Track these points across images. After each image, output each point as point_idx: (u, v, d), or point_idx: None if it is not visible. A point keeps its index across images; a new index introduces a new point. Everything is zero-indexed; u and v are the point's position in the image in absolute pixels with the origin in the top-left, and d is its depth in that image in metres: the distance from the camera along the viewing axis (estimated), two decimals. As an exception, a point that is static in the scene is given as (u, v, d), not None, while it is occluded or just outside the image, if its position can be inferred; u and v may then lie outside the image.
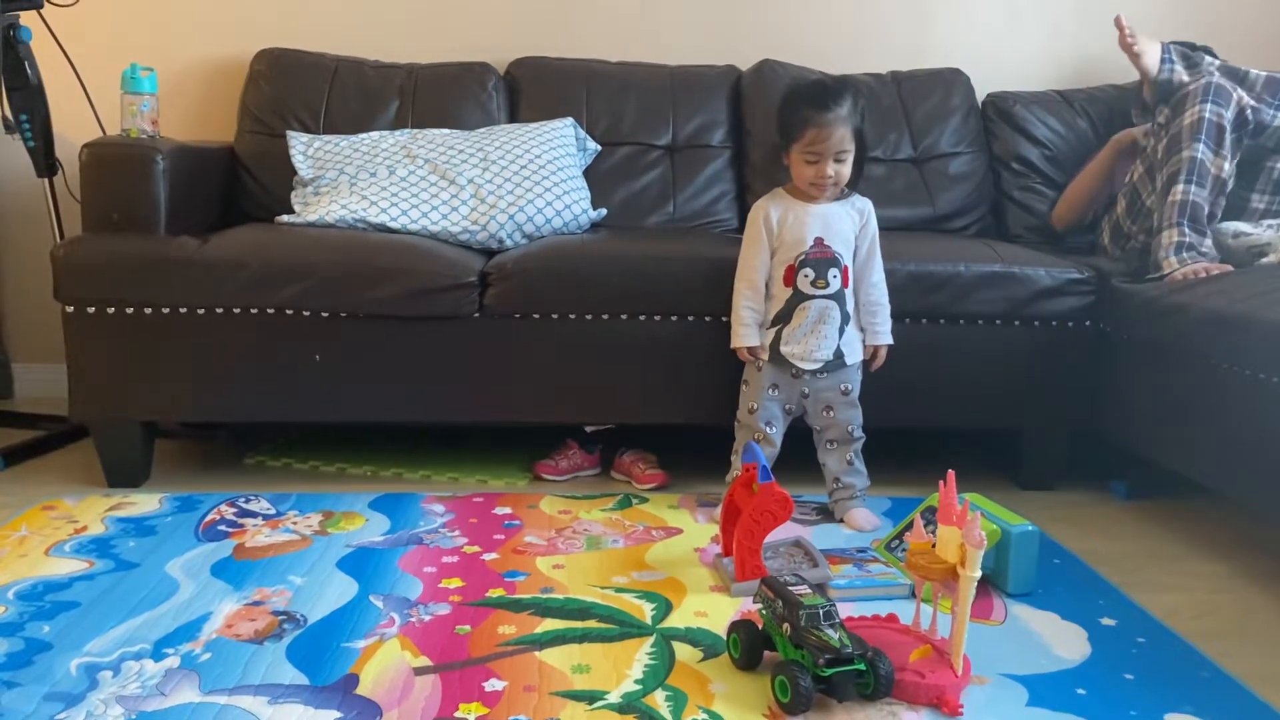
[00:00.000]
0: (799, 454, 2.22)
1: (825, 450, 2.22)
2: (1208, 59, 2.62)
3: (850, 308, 2.16)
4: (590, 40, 3.00)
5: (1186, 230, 2.27)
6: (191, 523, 2.07)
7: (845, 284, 2.14)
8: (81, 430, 2.55)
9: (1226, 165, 2.31)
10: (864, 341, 2.19)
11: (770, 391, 2.18)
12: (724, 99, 2.93)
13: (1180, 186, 2.30)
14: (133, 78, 2.41)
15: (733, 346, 2.19)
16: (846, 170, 2.12)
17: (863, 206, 2.18)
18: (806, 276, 2.11)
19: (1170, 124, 2.37)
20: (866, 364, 2.20)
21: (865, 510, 2.18)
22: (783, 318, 2.15)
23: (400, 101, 2.80)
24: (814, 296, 2.11)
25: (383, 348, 2.24)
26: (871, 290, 2.18)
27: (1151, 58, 2.60)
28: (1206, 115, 2.30)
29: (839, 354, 2.15)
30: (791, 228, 2.13)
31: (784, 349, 2.15)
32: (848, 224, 2.15)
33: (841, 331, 2.14)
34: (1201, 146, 2.29)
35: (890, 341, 2.19)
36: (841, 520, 2.18)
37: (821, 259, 2.11)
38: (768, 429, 2.19)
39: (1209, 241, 2.29)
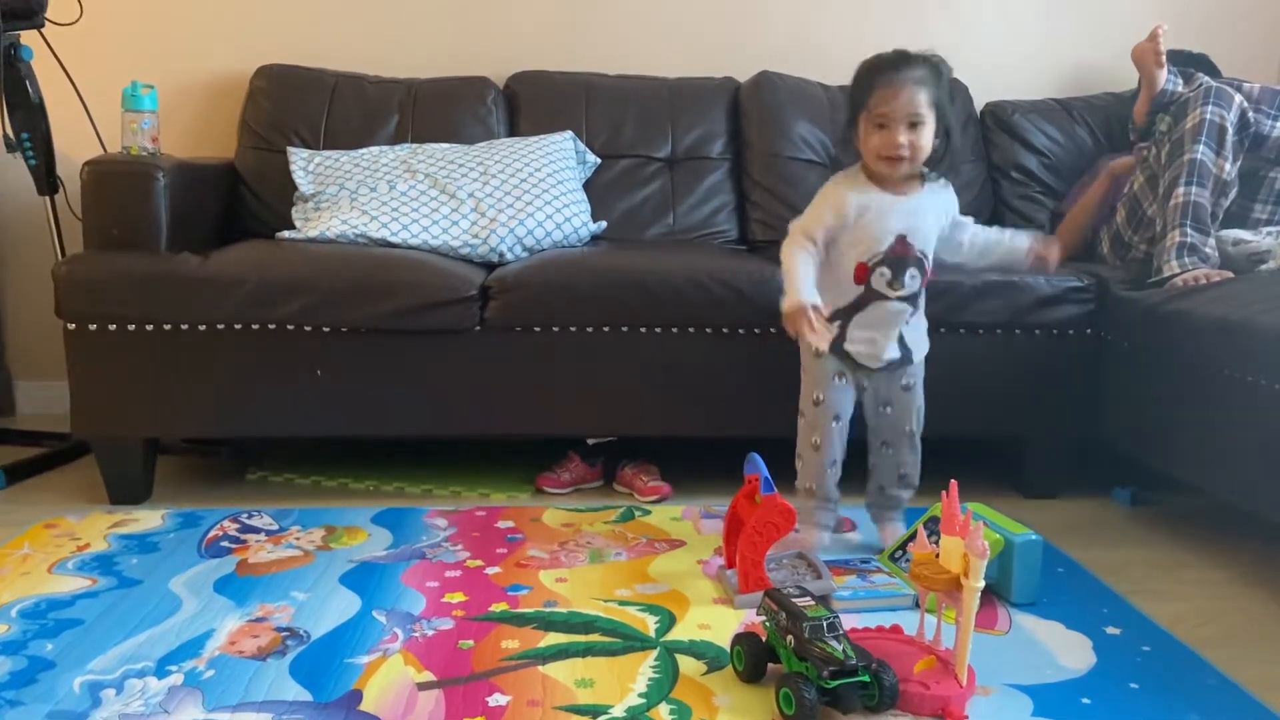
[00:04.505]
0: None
1: (877, 452, 2.05)
2: (1201, 75, 2.64)
3: (923, 303, 1.99)
4: (589, 53, 3.01)
5: (1189, 231, 2.28)
6: (194, 539, 2.07)
7: (924, 282, 1.95)
8: (83, 447, 2.54)
9: (1228, 166, 2.32)
10: (1021, 256, 2.00)
11: (837, 380, 1.97)
12: (723, 110, 2.93)
13: (1181, 189, 2.31)
14: (133, 95, 2.42)
15: (787, 308, 1.84)
16: (924, 142, 1.85)
17: (948, 195, 1.97)
18: (883, 276, 1.90)
19: (1172, 130, 2.38)
20: (1041, 265, 2.02)
21: (901, 527, 2.07)
22: (848, 312, 1.94)
23: (400, 116, 2.81)
24: (887, 298, 1.92)
25: (384, 362, 2.24)
26: (976, 236, 2.00)
27: (1162, 71, 2.65)
28: (1208, 117, 2.31)
29: (906, 350, 1.98)
30: (872, 221, 1.89)
31: (848, 347, 1.95)
32: (932, 218, 1.93)
33: (913, 327, 1.99)
34: (1202, 148, 2.30)
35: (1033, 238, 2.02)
36: (876, 525, 2.11)
37: (901, 259, 1.90)
38: (835, 423, 1.97)
39: (1212, 241, 2.29)
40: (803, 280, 1.86)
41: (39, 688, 1.49)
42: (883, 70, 1.87)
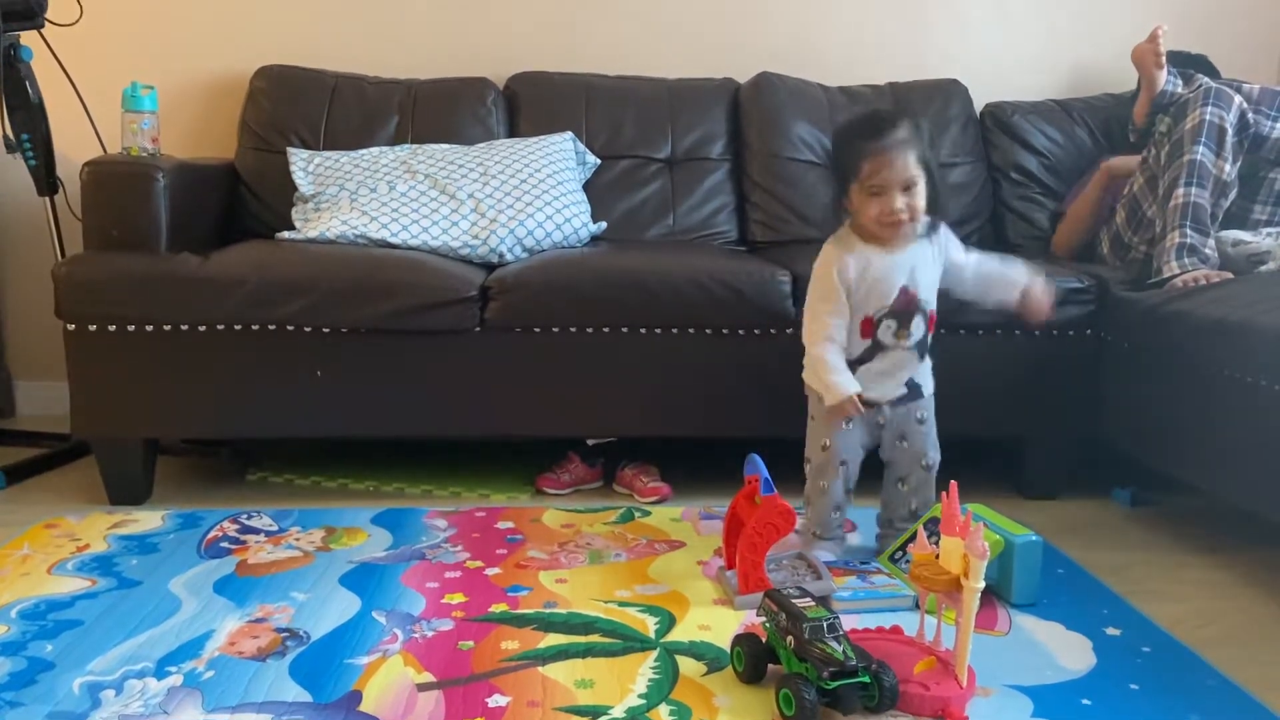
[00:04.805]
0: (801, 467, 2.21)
1: (891, 488, 2.03)
2: (1201, 76, 2.65)
3: (929, 346, 1.99)
4: (589, 54, 3.01)
5: (1189, 231, 2.28)
6: (194, 540, 2.07)
7: (930, 329, 1.96)
8: (83, 448, 2.54)
9: (1227, 167, 2.32)
10: (1010, 300, 1.99)
11: (845, 425, 1.96)
12: (723, 111, 2.93)
13: (1181, 190, 2.31)
14: (133, 96, 2.42)
15: (832, 403, 1.89)
16: (920, 202, 1.86)
17: (941, 237, 1.97)
18: (889, 328, 1.92)
19: (1172, 131, 2.38)
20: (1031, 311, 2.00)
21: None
22: (858, 362, 1.95)
23: (400, 117, 2.81)
24: (895, 348, 1.94)
25: (384, 363, 2.24)
26: (981, 268, 2.00)
27: (1162, 73, 2.67)
28: (1207, 118, 2.31)
29: (914, 385, 1.98)
30: (873, 280, 1.90)
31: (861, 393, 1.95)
32: (932, 264, 1.95)
33: (920, 369, 2.00)
34: (1202, 149, 2.30)
35: (1034, 275, 1.99)
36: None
37: (906, 310, 1.92)
38: (843, 468, 1.98)
39: (1212, 242, 2.29)
40: (839, 372, 1.90)
41: (38, 689, 1.49)
42: (867, 138, 1.86)
